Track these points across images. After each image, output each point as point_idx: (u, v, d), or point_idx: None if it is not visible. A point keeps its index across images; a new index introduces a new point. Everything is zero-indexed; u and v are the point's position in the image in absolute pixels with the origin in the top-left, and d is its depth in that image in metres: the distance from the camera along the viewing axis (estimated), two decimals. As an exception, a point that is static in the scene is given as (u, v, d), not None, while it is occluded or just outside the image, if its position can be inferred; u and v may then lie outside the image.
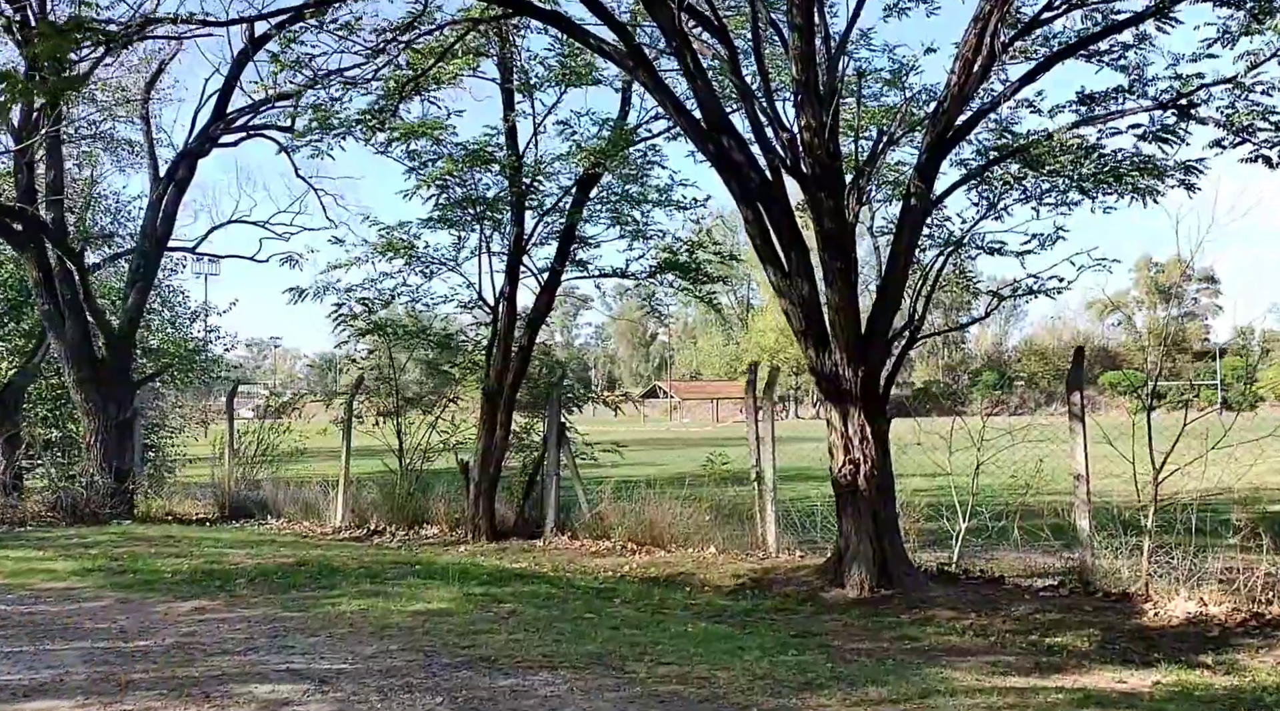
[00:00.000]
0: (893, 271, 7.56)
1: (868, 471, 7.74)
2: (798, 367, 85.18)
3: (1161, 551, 7.51)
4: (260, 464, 14.88)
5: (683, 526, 10.13)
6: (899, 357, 8.00)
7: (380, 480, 12.76)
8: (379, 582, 8.00)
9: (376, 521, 12.33)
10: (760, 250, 7.66)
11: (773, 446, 9.62)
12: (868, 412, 7.69)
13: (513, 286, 10.99)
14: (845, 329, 7.52)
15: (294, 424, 15.16)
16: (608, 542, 10.46)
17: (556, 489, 11.09)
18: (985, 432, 8.72)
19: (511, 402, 11.26)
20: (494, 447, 11.08)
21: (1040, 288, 8.11)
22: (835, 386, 7.69)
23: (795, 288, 7.58)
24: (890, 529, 7.87)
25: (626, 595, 7.87)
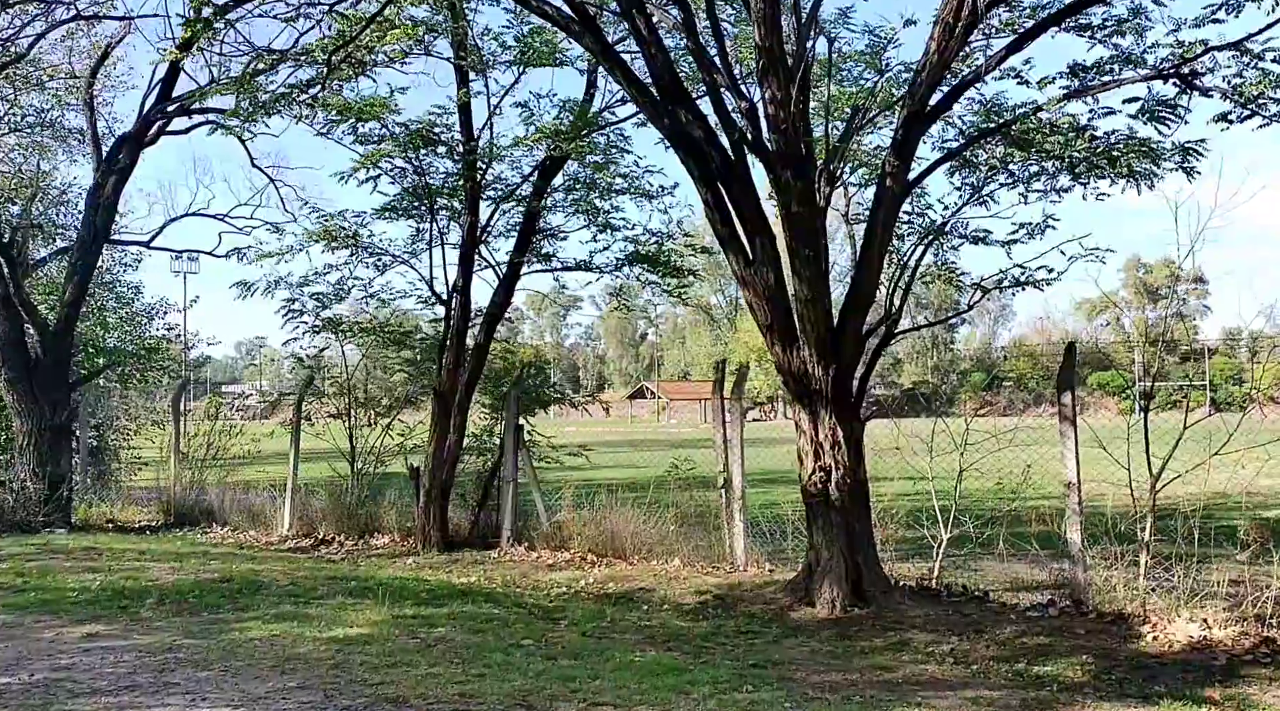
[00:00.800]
0: (866, 259, 6.88)
1: (839, 479, 7.06)
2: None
3: (1159, 566, 6.86)
4: (211, 467, 14.10)
5: (646, 537, 9.43)
6: (874, 355, 7.32)
7: (332, 485, 12.01)
8: (303, 602, 7.27)
9: (325, 530, 11.58)
10: (722, 236, 6.97)
11: (741, 450, 8.92)
12: (839, 414, 7.01)
13: (466, 279, 10.26)
14: (815, 323, 6.84)
15: (245, 426, 14.39)
16: (567, 554, 9.75)
17: (514, 496, 10.37)
18: (969, 435, 8.04)
19: (466, 403, 10.54)
20: (446, 452, 10.36)
21: (1028, 278, 7.45)
22: (804, 386, 7.01)
23: (760, 277, 6.89)
24: (865, 542, 7.20)
25: (576, 615, 7.17)
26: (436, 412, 10.25)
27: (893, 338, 7.36)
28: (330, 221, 9.98)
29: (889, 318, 7.26)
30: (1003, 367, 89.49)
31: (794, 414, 7.22)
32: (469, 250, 10.24)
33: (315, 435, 12.30)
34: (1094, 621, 6.65)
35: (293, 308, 12.15)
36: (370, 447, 12.00)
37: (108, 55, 14.68)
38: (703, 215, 12.84)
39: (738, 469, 8.90)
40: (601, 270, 11.17)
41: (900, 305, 7.26)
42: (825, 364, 6.90)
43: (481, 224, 10.51)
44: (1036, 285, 7.41)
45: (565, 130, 9.60)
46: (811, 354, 6.90)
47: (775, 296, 6.91)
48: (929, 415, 10.49)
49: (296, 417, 12.16)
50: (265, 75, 8.12)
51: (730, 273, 42.43)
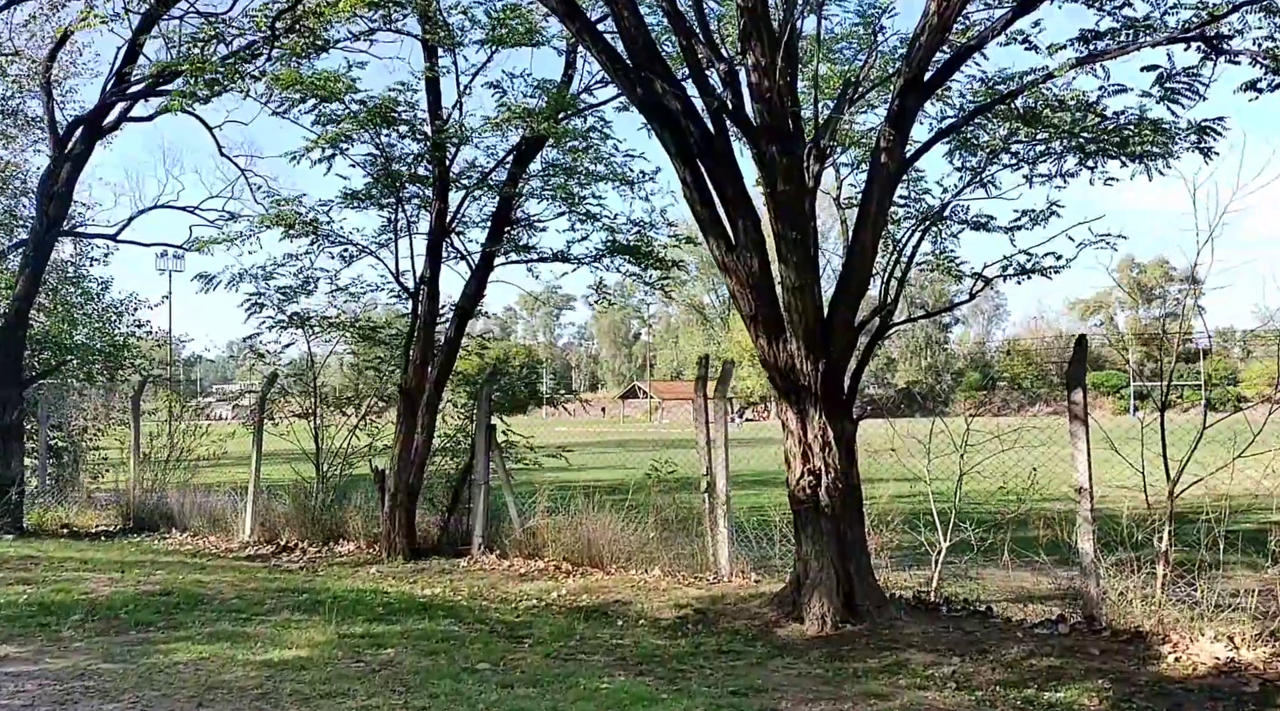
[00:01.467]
0: (859, 243, 6.29)
1: (830, 483, 6.46)
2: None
3: (1180, 577, 6.28)
4: (175, 469, 13.45)
5: (625, 544, 8.83)
6: (867, 349, 6.74)
7: (297, 489, 11.37)
8: (243, 619, 6.65)
9: (288, 536, 10.96)
10: (701, 218, 6.37)
11: (725, 452, 8.32)
12: (830, 413, 6.42)
13: (434, 270, 9.64)
14: (802, 313, 6.24)
15: (211, 426, 13.74)
16: (540, 562, 9.14)
17: (485, 501, 9.75)
18: (968, 435, 7.45)
19: (435, 401, 9.92)
20: (414, 453, 9.74)
21: (1035, 266, 6.86)
22: (791, 382, 6.41)
23: (743, 263, 6.29)
24: (858, 552, 6.60)
25: (542, 633, 6.55)
26: (403, 411, 9.63)
27: (888, 330, 6.78)
28: (285, 205, 9.33)
29: (883, 308, 6.67)
30: (998, 367, 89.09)
31: (780, 412, 6.63)
32: (437, 239, 9.62)
33: (279, 436, 11.66)
34: (1109, 640, 6.07)
35: (256, 301, 11.54)
36: (338, 449, 11.37)
37: (67, 38, 14.01)
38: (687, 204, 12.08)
39: (722, 472, 8.30)
40: (580, 261, 10.55)
41: (896, 295, 6.67)
42: (814, 357, 6.30)
43: (452, 212, 9.90)
44: (1044, 272, 6.84)
45: (542, 110, 8.99)
46: (799, 346, 6.30)
47: (759, 284, 6.31)
48: (923, 415, 9.87)
49: (259, 418, 11.53)
50: (215, 47, 7.48)
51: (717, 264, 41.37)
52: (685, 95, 6.05)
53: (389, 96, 8.12)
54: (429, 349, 9.68)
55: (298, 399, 11.67)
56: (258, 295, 11.62)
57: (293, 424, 11.52)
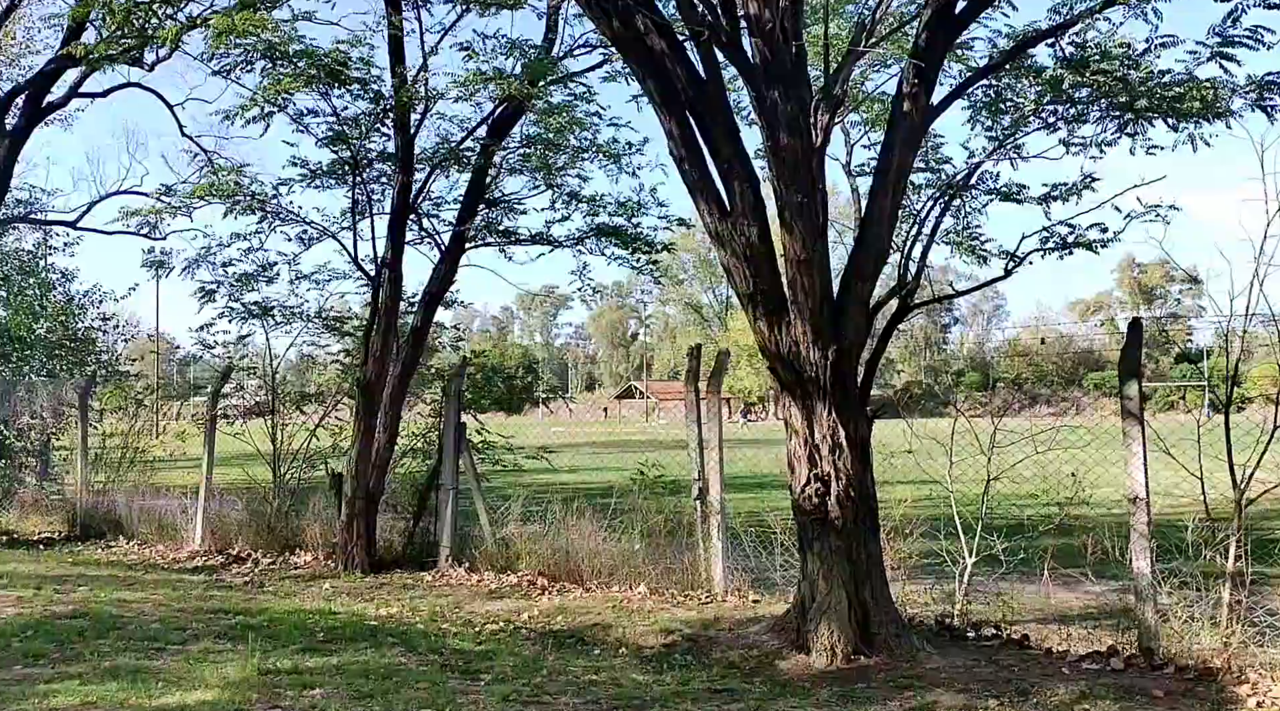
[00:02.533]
0: (876, 208, 5.34)
1: (841, 491, 5.51)
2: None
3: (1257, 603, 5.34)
4: (129, 471, 12.47)
5: (607, 557, 7.88)
6: (884, 334, 5.80)
7: (252, 494, 10.42)
8: (154, 650, 5.69)
9: (241, 546, 9.99)
10: (690, 179, 5.42)
11: (719, 453, 7.37)
12: (841, 410, 5.47)
13: (397, 250, 8.68)
14: (810, 291, 5.29)
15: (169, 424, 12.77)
16: (513, 577, 8.19)
17: (453, 508, 8.79)
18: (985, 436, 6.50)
19: (399, 397, 8.96)
20: (375, 455, 8.78)
21: (1078, 238, 5.92)
22: (795, 373, 5.46)
23: (739, 232, 5.34)
24: (873, 572, 5.65)
25: (505, 666, 5.60)
26: (361, 409, 8.67)
27: (909, 312, 5.82)
28: (223, 174, 8.34)
29: (904, 287, 5.72)
30: (1001, 368, 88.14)
31: (782, 409, 5.68)
32: (401, 216, 8.66)
33: (234, 435, 10.70)
34: (1173, 678, 5.12)
35: (206, 288, 10.59)
36: (297, 450, 10.41)
37: (13, 9, 13.06)
38: (677, 184, 11.04)
39: (715, 476, 7.35)
40: (561, 243, 9.60)
41: (919, 270, 5.72)
42: (823, 344, 5.35)
43: (418, 187, 8.93)
44: (1090, 246, 5.89)
45: (530, 68, 7.99)
46: (805, 331, 5.35)
47: (759, 257, 5.36)
48: (921, 415, 8.87)
49: (211, 414, 10.56)
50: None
51: (720, 274, 40.20)
52: (670, 29, 5.10)
53: (339, 50, 7.15)
54: (391, 339, 8.72)
55: (253, 395, 10.71)
56: (214, 283, 10.72)
57: (247, 424, 10.55)
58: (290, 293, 11.12)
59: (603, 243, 9.76)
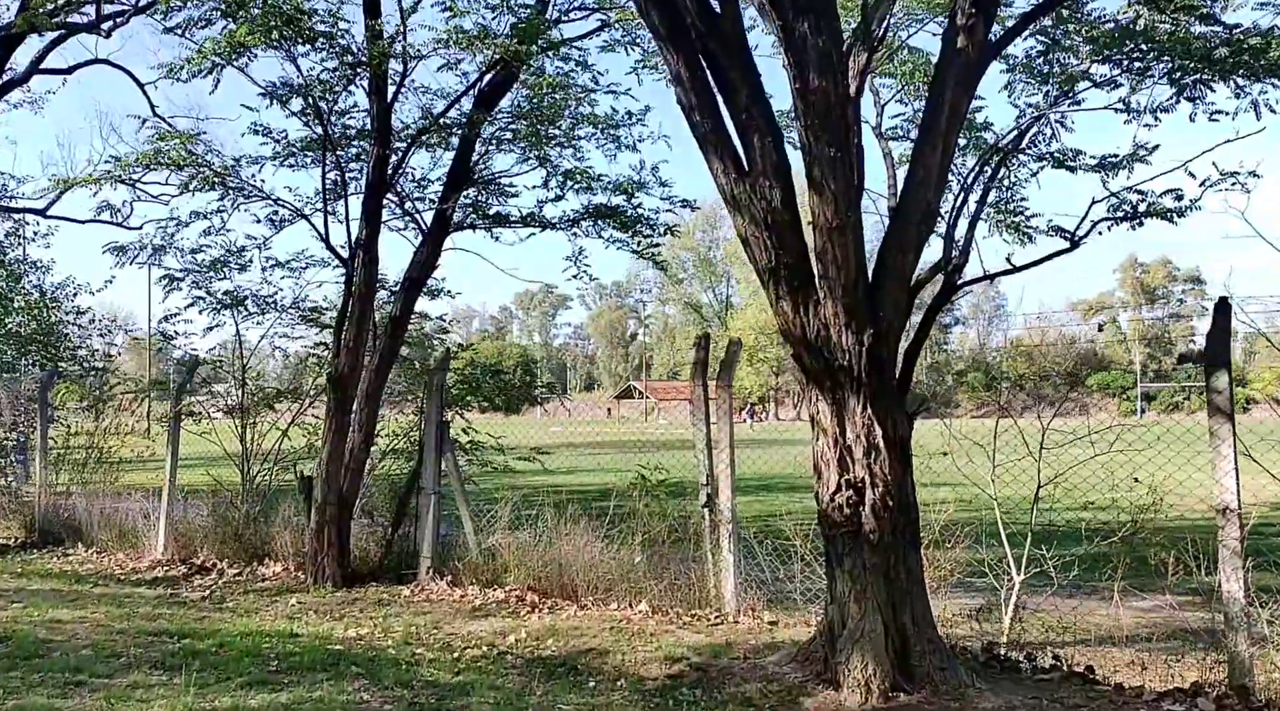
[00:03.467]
0: (922, 166, 4.53)
1: (877, 499, 4.70)
2: (778, 368, 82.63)
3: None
4: (94, 471, 11.64)
5: (605, 570, 7.06)
6: (928, 316, 4.99)
7: (218, 498, 9.59)
8: (72, 685, 4.89)
9: (206, 554, 9.18)
10: (701, 131, 4.61)
11: (730, 454, 6.56)
12: (877, 404, 4.66)
13: (372, 230, 7.85)
14: (842, 264, 4.49)
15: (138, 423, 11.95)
16: (500, 592, 7.37)
17: (434, 514, 7.98)
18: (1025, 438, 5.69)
19: (376, 392, 8.15)
20: (348, 456, 7.96)
21: (1152, 207, 5.11)
22: (824, 361, 4.65)
23: (759, 195, 4.53)
24: (914, 594, 4.84)
25: (485, 703, 4.79)
26: (333, 406, 7.85)
27: (955, 291, 5.01)
28: (168, 137, 7.49)
29: (949, 262, 4.90)
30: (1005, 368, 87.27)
31: (809, 403, 4.86)
32: (377, 193, 7.85)
33: (200, 434, 9.87)
34: (1276, 724, 4.31)
35: (173, 276, 9.79)
36: (269, 451, 9.60)
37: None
38: (680, 163, 10.25)
39: (726, 481, 6.54)
40: (554, 225, 8.79)
41: (966, 243, 4.92)
42: (857, 326, 4.55)
43: (397, 162, 8.12)
44: (1165, 215, 5.08)
45: (523, 26, 7.17)
46: (837, 311, 4.55)
47: (781, 224, 4.55)
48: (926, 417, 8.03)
49: (175, 413, 9.74)
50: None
51: (720, 273, 38.62)
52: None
53: (299, 1, 6.32)
54: (366, 328, 7.91)
55: (221, 394, 9.90)
56: (182, 271, 9.93)
57: (214, 423, 9.73)
58: (263, 281, 10.34)
59: (600, 225, 8.95)
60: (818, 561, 6.41)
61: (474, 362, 10.42)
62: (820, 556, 6.42)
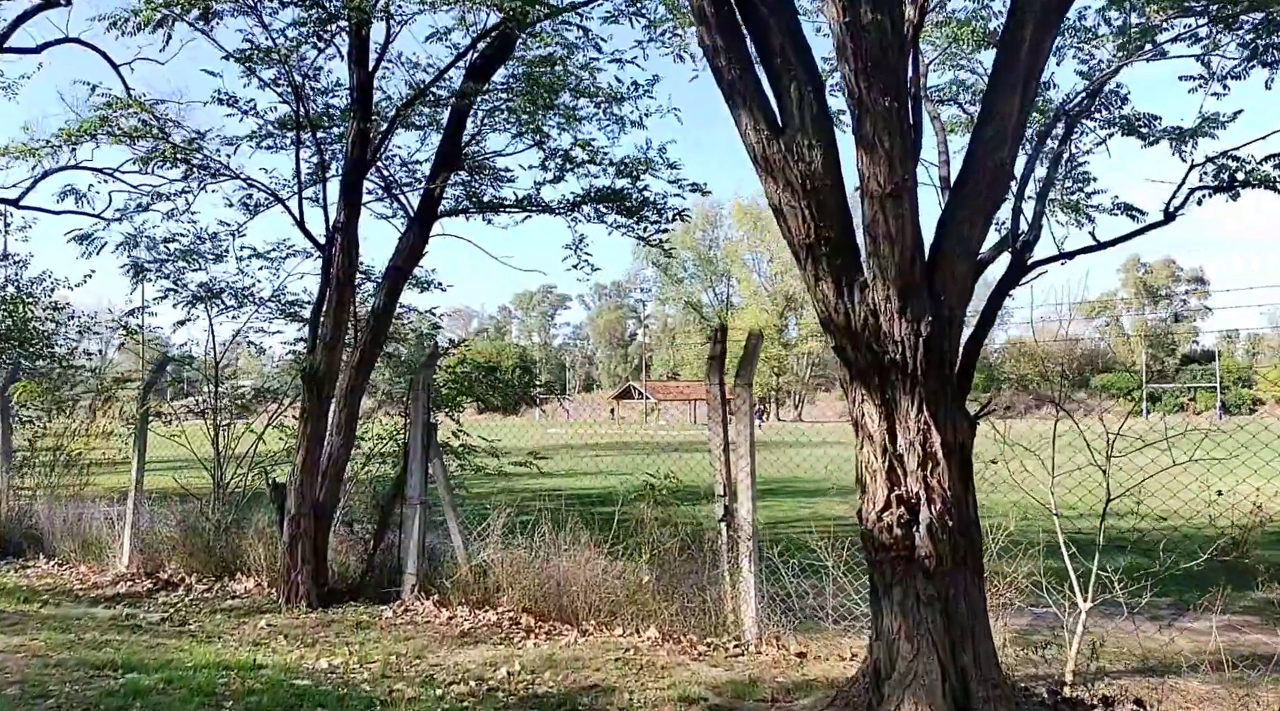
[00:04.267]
0: (997, 114, 3.78)
1: (935, 519, 3.97)
2: (779, 367, 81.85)
3: None
4: (63, 475, 10.89)
5: (609, 591, 6.32)
6: (992, 304, 4.25)
7: (188, 507, 8.85)
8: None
9: (174, 568, 8.44)
10: (726, 77, 3.88)
11: (751, 460, 5.82)
12: (935, 405, 3.93)
13: (352, 212, 7.11)
14: (896, 238, 3.75)
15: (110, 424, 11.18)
16: (492, 614, 6.64)
17: (420, 526, 7.24)
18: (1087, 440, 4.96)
19: (357, 392, 7.41)
20: (326, 461, 7.22)
21: (1253, 175, 4.36)
22: (872, 354, 3.92)
23: (796, 155, 3.79)
24: (976, 629, 4.10)
25: (467, 758, 4.05)
26: (309, 406, 7.11)
27: (1024, 273, 4.27)
28: (117, 104, 6.72)
29: (1017, 237, 4.16)
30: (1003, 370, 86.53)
31: (851, 403, 4.13)
32: (357, 171, 7.11)
33: (169, 438, 9.13)
34: None
35: (141, 265, 9.07)
36: (244, 454, 8.85)
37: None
38: (687, 143, 9.50)
39: (746, 491, 5.80)
40: (553, 210, 8.06)
41: (1038, 212, 4.18)
42: (913, 312, 3.81)
43: (379, 137, 7.38)
44: (1270, 183, 4.34)
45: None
46: (889, 294, 3.81)
47: (822, 190, 3.81)
48: None
49: (142, 415, 9.00)
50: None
51: (720, 272, 38.59)
52: None
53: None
54: (343, 320, 7.16)
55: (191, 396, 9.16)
56: (153, 261, 9.22)
57: (183, 425, 8.99)
58: (239, 272, 9.61)
59: (602, 210, 8.22)
60: (849, 580, 5.68)
61: (466, 360, 9.67)
62: (851, 574, 5.70)
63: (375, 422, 8.84)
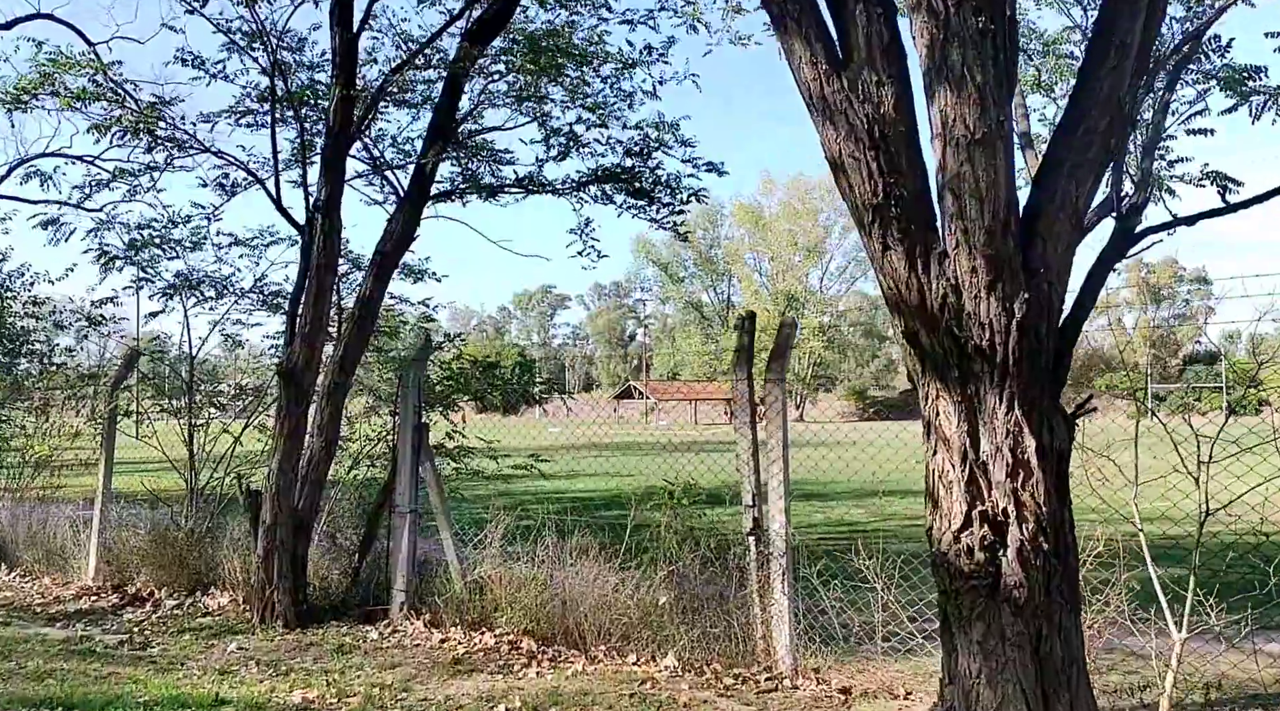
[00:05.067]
0: (1115, 38, 3.07)
1: (1027, 542, 3.27)
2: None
3: None
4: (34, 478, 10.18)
5: (620, 611, 5.61)
6: (1097, 274, 3.52)
7: (158, 515, 8.13)
8: None
9: (144, 580, 7.73)
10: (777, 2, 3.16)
11: (785, 466, 5.11)
12: (1029, 403, 3.23)
13: (334, 189, 6.40)
14: (986, 197, 3.06)
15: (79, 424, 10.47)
16: (489, 636, 5.93)
17: (410, 537, 6.53)
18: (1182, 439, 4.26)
19: (341, 389, 6.70)
20: (307, 465, 6.51)
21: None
22: (953, 340, 3.22)
23: (860, 94, 3.10)
24: (1073, 676, 3.40)
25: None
26: (286, 405, 6.39)
27: (1135, 241, 3.56)
28: (63, 63, 5.97)
29: (1120, 199, 3.45)
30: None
31: (923, 400, 3.43)
32: (339, 143, 6.39)
33: (142, 439, 8.43)
34: None
35: (108, 252, 8.37)
36: (221, 456, 8.15)
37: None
38: (708, 124, 8.75)
39: (779, 500, 5.08)
40: (556, 189, 7.36)
41: (1147, 169, 3.48)
42: (1006, 288, 3.11)
43: (364, 110, 6.68)
44: None
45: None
46: (975, 266, 3.11)
47: (892, 137, 3.11)
48: None
49: (110, 414, 8.28)
50: None
51: (721, 271, 38.50)
52: None
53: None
54: (326, 309, 6.46)
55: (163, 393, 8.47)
56: (127, 250, 8.54)
57: (153, 425, 8.29)
58: (218, 260, 8.92)
59: (611, 189, 7.52)
60: (896, 596, 4.98)
61: (462, 355, 8.96)
62: (899, 590, 5.00)
63: (364, 423, 8.15)
